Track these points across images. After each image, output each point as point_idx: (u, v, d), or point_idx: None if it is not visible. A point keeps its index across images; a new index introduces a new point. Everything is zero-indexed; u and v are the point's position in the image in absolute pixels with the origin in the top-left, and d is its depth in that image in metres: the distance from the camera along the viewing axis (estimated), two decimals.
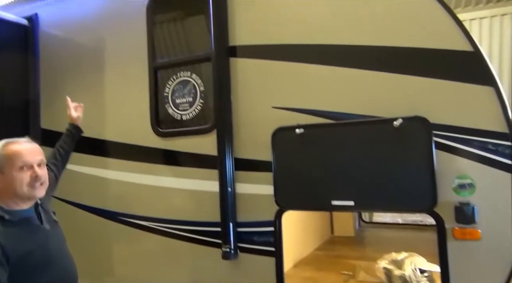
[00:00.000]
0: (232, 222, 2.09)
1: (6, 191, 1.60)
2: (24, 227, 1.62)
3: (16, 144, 1.63)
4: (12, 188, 1.59)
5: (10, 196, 1.61)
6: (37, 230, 1.67)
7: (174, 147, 2.37)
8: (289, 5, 2.07)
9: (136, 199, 2.48)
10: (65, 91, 2.76)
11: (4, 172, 1.59)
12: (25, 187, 1.59)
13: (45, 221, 1.69)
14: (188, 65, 2.36)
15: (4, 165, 1.60)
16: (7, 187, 1.60)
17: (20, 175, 1.59)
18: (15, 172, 1.59)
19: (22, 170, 1.60)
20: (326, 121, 1.93)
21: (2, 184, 1.60)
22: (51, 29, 2.86)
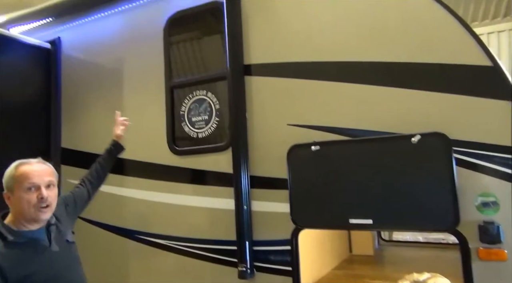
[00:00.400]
0: (248, 240, 2.07)
1: (14, 211, 1.62)
2: (29, 248, 1.61)
3: (27, 165, 1.65)
4: (20, 209, 1.60)
5: (18, 216, 1.62)
6: (43, 251, 1.65)
7: (190, 164, 2.38)
8: (303, 24, 2.09)
9: (153, 217, 2.49)
10: (84, 111, 2.84)
11: (14, 193, 1.61)
12: (32, 208, 1.59)
13: (54, 242, 1.68)
14: (204, 84, 2.40)
15: (13, 186, 1.61)
16: (15, 208, 1.62)
17: (27, 196, 1.59)
18: (23, 192, 1.60)
19: (30, 191, 1.60)
20: (342, 138, 1.91)
21: (12, 204, 1.62)
22: (72, 51, 2.96)
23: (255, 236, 2.10)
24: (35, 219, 1.63)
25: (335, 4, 2.01)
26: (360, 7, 1.95)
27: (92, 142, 2.79)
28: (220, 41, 2.39)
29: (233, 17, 2.22)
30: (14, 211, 1.62)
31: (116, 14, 2.79)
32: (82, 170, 2.78)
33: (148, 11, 2.63)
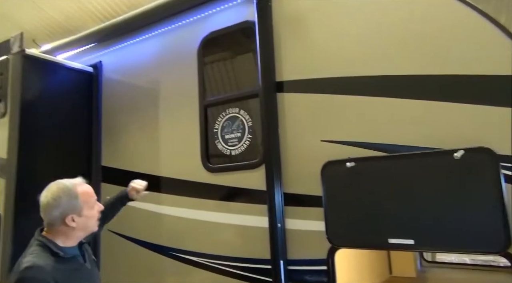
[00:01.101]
0: (282, 259, 2.02)
1: (76, 230, 1.67)
2: (72, 264, 1.68)
3: (82, 185, 1.73)
4: (86, 226, 1.69)
5: (78, 233, 1.69)
6: (81, 268, 1.72)
7: (224, 182, 2.39)
8: (335, 38, 2.08)
9: (186, 234, 2.51)
10: (123, 131, 2.95)
11: (82, 215, 1.67)
12: (95, 222, 1.73)
13: (87, 260, 1.75)
14: (237, 102, 2.42)
15: (82, 208, 1.67)
16: (81, 227, 1.68)
17: (93, 212, 1.72)
18: (90, 210, 1.70)
19: (93, 208, 1.73)
20: (378, 154, 1.85)
21: (78, 225, 1.66)
22: (112, 74, 3.12)
23: (290, 255, 2.05)
24: (92, 231, 1.75)
25: (367, 17, 1.99)
26: (393, 18, 1.91)
27: (130, 160, 2.88)
28: (252, 59, 2.42)
29: (264, 35, 2.25)
30: (77, 229, 1.67)
31: (152, 37, 2.91)
32: (120, 187, 2.88)
33: (183, 33, 2.73)
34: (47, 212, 1.66)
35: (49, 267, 1.56)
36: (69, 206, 1.64)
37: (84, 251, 1.77)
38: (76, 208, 1.66)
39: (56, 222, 1.65)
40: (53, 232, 1.68)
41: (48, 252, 1.63)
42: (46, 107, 2.84)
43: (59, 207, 1.64)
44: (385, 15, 1.94)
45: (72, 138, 3.01)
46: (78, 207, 1.66)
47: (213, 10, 2.58)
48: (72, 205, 1.65)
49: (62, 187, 1.68)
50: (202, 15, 2.63)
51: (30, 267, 1.54)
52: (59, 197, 1.65)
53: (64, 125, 2.96)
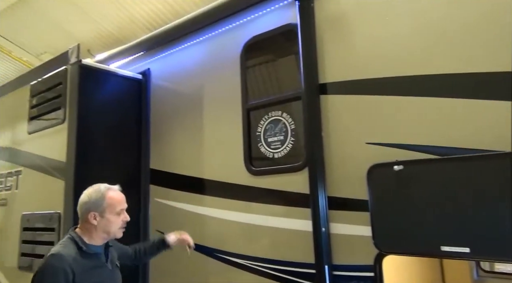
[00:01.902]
0: (327, 264, 1.98)
1: (97, 229, 1.88)
2: (93, 260, 1.87)
3: (112, 190, 1.94)
4: (107, 228, 1.88)
5: (100, 233, 1.88)
6: (102, 266, 1.91)
7: (267, 185, 2.40)
8: (379, 38, 2.02)
9: (230, 236, 2.54)
10: (170, 135, 3.07)
11: (104, 216, 1.88)
12: (118, 228, 1.92)
13: (109, 261, 1.94)
14: (279, 105, 2.43)
15: (105, 209, 1.88)
16: (102, 227, 1.88)
17: (116, 218, 1.91)
18: (114, 215, 1.90)
19: (119, 215, 1.92)
20: (428, 157, 1.76)
21: (99, 224, 1.88)
22: (160, 81, 3.25)
23: (335, 260, 2.01)
24: (114, 237, 1.94)
25: (413, 15, 1.91)
26: (440, 15, 1.82)
27: (176, 163, 2.98)
28: (294, 62, 2.42)
29: (307, 37, 2.23)
30: (98, 228, 1.89)
31: (197, 44, 3.00)
32: (168, 190, 2.99)
33: (226, 38, 2.79)
34: (79, 207, 1.92)
35: (70, 257, 1.77)
36: (95, 204, 1.87)
37: (108, 252, 1.97)
38: (99, 207, 1.87)
39: (82, 217, 1.90)
40: (82, 228, 1.91)
41: (74, 245, 1.85)
42: (100, 113, 3.02)
43: (87, 203, 1.89)
44: (432, 11, 1.85)
45: (123, 142, 3.17)
46: (101, 208, 1.87)
47: (255, 14, 2.61)
48: (97, 204, 1.87)
49: (96, 188, 1.93)
50: (244, 20, 2.67)
51: (53, 255, 1.78)
52: (90, 195, 1.91)
53: (116, 130, 3.13)
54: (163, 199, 3.01)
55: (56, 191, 2.83)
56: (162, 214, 2.99)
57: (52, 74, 3.13)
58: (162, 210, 2.98)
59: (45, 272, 1.74)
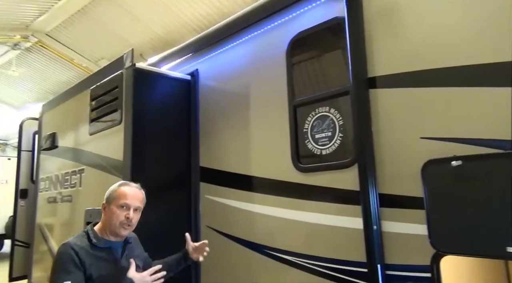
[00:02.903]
0: (380, 263, 1.92)
1: (104, 221, 1.99)
2: (104, 254, 1.92)
3: (127, 186, 2.04)
4: (108, 220, 1.95)
5: (105, 226, 1.98)
6: (114, 261, 1.94)
7: (315, 182, 2.37)
8: (432, 27, 1.91)
9: (279, 233, 2.55)
10: (218, 133, 3.14)
11: (110, 206, 1.97)
12: (118, 223, 1.93)
13: (124, 258, 1.97)
14: (326, 101, 2.39)
15: (111, 200, 1.98)
16: (106, 218, 1.97)
17: (118, 211, 1.94)
18: (116, 208, 1.95)
19: (122, 208, 1.95)
20: (490, 151, 1.64)
21: (105, 214, 1.98)
22: (207, 81, 3.34)
23: (388, 259, 1.94)
24: (116, 233, 1.96)
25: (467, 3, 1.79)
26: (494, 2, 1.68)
27: (224, 161, 3.05)
28: (342, 56, 2.37)
29: (355, 30, 2.18)
30: (104, 220, 1.99)
31: (243, 43, 3.04)
32: (217, 187, 3.07)
33: (272, 36, 2.79)
34: None
35: (77, 247, 1.86)
36: (107, 195, 2.00)
37: (126, 249, 2.02)
38: (109, 198, 1.99)
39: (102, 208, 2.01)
40: (100, 222, 2.02)
41: (86, 238, 1.94)
42: (153, 114, 3.17)
43: (106, 195, 2.02)
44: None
45: (174, 141, 3.30)
46: (110, 199, 1.98)
47: (301, 10, 2.59)
48: (108, 195, 2.00)
49: (116, 183, 2.07)
50: (290, 16, 2.66)
51: (63, 244, 1.90)
52: (109, 188, 2.04)
53: (167, 129, 3.27)
54: (213, 196, 3.10)
55: None
56: (212, 210, 3.07)
57: (109, 79, 3.34)
58: (212, 206, 3.07)
59: (56, 259, 1.85)
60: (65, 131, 4.13)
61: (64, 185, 3.92)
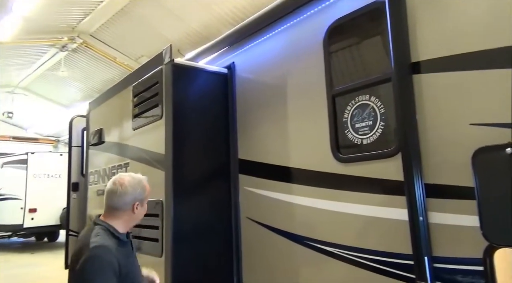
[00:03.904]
0: (427, 256, 1.85)
1: (132, 218, 1.96)
2: (127, 249, 1.92)
3: (146, 182, 2.04)
4: (140, 217, 1.99)
5: (133, 222, 1.97)
6: (131, 254, 1.96)
7: (356, 172, 2.32)
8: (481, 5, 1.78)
9: (320, 224, 2.53)
10: (256, 125, 3.15)
11: (143, 205, 1.99)
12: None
13: (134, 249, 2.01)
14: (366, 89, 2.32)
15: (144, 199, 1.98)
16: (138, 216, 1.96)
17: (146, 208, 2.03)
18: (146, 204, 2.02)
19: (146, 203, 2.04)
20: None
21: (138, 212, 1.96)
22: (244, 73, 3.35)
23: (435, 251, 1.86)
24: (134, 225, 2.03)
25: None
26: None
27: (262, 153, 3.06)
28: (382, 42, 2.28)
29: (397, 14, 2.08)
30: (133, 218, 1.97)
31: (279, 33, 3.01)
32: (257, 179, 3.09)
33: (308, 24, 2.74)
34: (119, 198, 1.92)
35: (113, 249, 1.80)
36: (140, 195, 1.95)
37: (130, 240, 2.02)
38: (143, 198, 1.97)
39: (125, 207, 1.92)
40: (113, 217, 1.93)
41: (111, 235, 1.87)
42: (192, 108, 3.24)
43: (132, 194, 1.93)
44: None
45: (212, 134, 3.35)
46: (143, 197, 1.97)
47: None
48: (142, 194, 1.96)
49: (137, 179, 1.99)
50: (326, 3, 2.59)
51: (98, 247, 1.76)
52: (134, 186, 1.95)
53: (206, 123, 3.33)
54: (252, 188, 3.12)
55: (158, 181, 3.12)
56: (252, 202, 3.10)
57: (149, 75, 3.44)
58: (252, 198, 3.09)
59: (95, 263, 1.72)
60: (111, 127, 4.33)
61: None
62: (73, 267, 1.78)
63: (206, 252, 3.14)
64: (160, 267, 2.91)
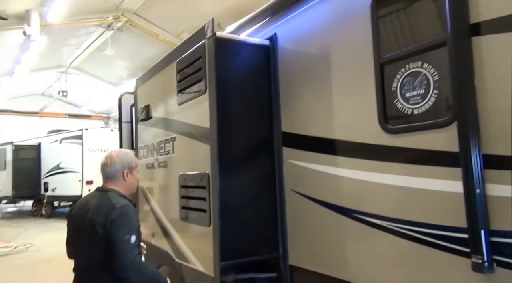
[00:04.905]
0: (484, 229, 1.77)
1: (129, 186, 2.43)
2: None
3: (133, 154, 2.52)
4: (133, 184, 2.45)
5: (128, 189, 2.43)
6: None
7: (405, 143, 2.23)
8: None
9: (367, 196, 2.49)
10: (300, 97, 3.10)
11: (133, 173, 2.44)
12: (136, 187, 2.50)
13: None
14: (418, 55, 2.18)
15: (133, 168, 2.42)
16: (132, 184, 2.43)
17: (138, 176, 2.48)
18: (136, 173, 2.46)
19: (138, 173, 2.48)
20: None
21: (129, 181, 2.42)
22: (286, 44, 3.27)
23: (493, 225, 1.77)
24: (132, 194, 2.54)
25: None
26: None
27: (306, 125, 3.02)
28: (436, 4, 2.11)
29: None
30: (129, 185, 2.44)
31: (322, 1, 2.89)
32: (300, 151, 3.07)
33: None
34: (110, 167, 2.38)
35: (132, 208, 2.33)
36: (127, 164, 2.40)
37: None
38: (131, 167, 2.41)
39: (115, 175, 2.38)
40: (113, 186, 2.39)
41: (123, 198, 2.34)
42: (235, 82, 3.25)
43: (120, 164, 2.38)
44: None
45: (256, 107, 3.36)
46: (132, 167, 2.41)
47: None
48: (129, 165, 2.40)
49: (124, 151, 2.50)
50: None
51: (125, 206, 2.26)
52: (121, 157, 2.42)
53: (249, 97, 3.33)
54: (296, 160, 3.12)
55: (204, 154, 3.21)
56: (296, 174, 3.11)
57: (193, 50, 3.47)
58: (296, 170, 3.09)
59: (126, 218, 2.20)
60: (157, 103, 4.47)
61: (159, 152, 4.31)
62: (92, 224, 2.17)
63: (252, 223, 3.23)
64: (208, 236, 3.04)
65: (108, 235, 2.09)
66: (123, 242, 2.07)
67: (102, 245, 2.09)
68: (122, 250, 2.05)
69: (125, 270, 2.06)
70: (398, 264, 2.29)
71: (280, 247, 3.21)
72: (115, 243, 2.07)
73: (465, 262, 1.84)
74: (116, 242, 2.07)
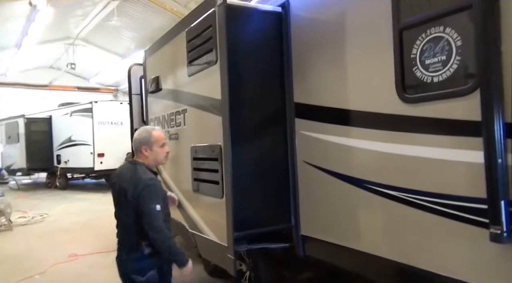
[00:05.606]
0: (504, 200, 1.74)
1: (152, 159, 2.62)
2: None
3: (157, 131, 2.65)
4: (156, 157, 2.62)
5: (153, 163, 2.65)
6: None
7: (423, 113, 2.17)
8: None
9: (382, 167, 2.46)
10: (314, 67, 3.01)
11: (153, 149, 2.59)
12: (163, 157, 2.67)
13: None
14: (441, 19, 2.07)
15: (153, 143, 2.58)
16: (154, 157, 2.61)
17: (160, 149, 2.62)
18: (158, 148, 2.61)
19: (162, 147, 2.63)
20: None
21: (150, 155, 2.59)
22: (299, 11, 3.15)
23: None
24: (162, 164, 3.11)
25: None
26: None
27: (321, 96, 2.96)
28: None
29: None
30: (152, 159, 2.61)
31: None
32: (313, 122, 3.03)
33: None
34: (134, 143, 2.62)
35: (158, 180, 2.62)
36: (144, 139, 2.58)
37: None
38: (149, 143, 2.57)
39: (137, 150, 2.60)
40: (138, 158, 2.62)
41: (150, 171, 2.60)
42: (246, 51, 3.16)
43: (138, 140, 2.59)
44: None
45: (268, 77, 3.28)
46: (150, 142, 2.57)
47: None
48: (147, 140, 2.57)
49: (143, 129, 2.66)
50: None
51: (152, 178, 2.54)
52: (140, 133, 2.62)
53: (261, 66, 3.25)
54: (308, 132, 3.08)
55: (215, 126, 3.18)
56: (309, 146, 3.08)
57: (203, 18, 3.36)
58: (309, 142, 3.06)
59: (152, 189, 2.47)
60: (167, 74, 4.41)
61: (170, 124, 4.29)
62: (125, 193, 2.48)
63: (265, 194, 3.24)
64: (221, 208, 3.07)
65: (137, 204, 2.46)
66: (149, 210, 2.44)
67: (133, 210, 2.48)
68: (149, 217, 2.44)
69: (152, 232, 2.44)
70: (413, 235, 2.29)
71: (292, 218, 3.24)
72: (143, 212, 2.44)
73: (483, 233, 1.82)
74: (144, 210, 2.44)
